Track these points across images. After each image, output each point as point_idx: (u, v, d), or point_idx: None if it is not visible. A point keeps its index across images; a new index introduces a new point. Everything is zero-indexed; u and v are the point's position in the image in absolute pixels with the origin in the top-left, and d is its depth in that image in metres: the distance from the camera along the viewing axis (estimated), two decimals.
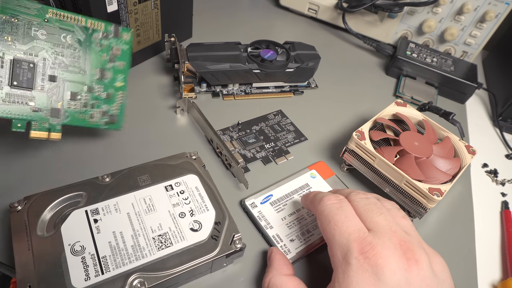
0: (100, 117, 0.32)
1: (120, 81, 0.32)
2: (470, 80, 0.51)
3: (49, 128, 0.29)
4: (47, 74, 0.28)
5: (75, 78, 0.30)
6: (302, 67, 0.45)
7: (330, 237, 0.25)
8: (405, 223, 0.25)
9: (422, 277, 0.22)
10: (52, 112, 0.29)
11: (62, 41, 0.29)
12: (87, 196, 0.28)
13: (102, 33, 0.31)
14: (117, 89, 0.32)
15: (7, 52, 0.27)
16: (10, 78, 0.27)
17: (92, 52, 0.31)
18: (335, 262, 0.24)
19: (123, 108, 0.33)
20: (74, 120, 0.30)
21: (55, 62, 0.29)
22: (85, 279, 0.24)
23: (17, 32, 0.27)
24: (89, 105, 0.31)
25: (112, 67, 0.32)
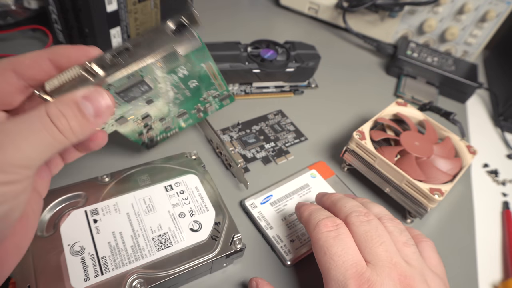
0: (213, 103, 0.33)
1: (213, 69, 0.30)
2: (471, 80, 0.51)
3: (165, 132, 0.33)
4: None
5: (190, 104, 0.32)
6: (302, 67, 0.45)
7: (326, 271, 0.23)
8: (407, 251, 0.24)
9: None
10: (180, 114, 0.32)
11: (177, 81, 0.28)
12: (87, 196, 0.28)
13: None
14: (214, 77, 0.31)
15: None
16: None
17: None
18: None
19: (224, 83, 0.31)
20: (191, 123, 0.34)
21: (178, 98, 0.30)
22: (85, 280, 0.24)
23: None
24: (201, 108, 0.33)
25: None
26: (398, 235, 0.25)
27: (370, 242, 0.23)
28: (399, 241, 0.24)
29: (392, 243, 0.24)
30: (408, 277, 0.22)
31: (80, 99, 0.19)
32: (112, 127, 0.28)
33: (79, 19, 0.38)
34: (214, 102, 0.33)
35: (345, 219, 0.25)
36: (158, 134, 0.33)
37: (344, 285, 0.22)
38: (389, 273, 0.22)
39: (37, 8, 0.44)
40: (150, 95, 0.27)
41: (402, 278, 0.22)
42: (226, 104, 0.34)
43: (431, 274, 0.23)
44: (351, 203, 0.27)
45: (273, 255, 0.30)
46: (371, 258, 0.23)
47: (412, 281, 0.22)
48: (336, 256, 0.23)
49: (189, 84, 0.29)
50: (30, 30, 0.45)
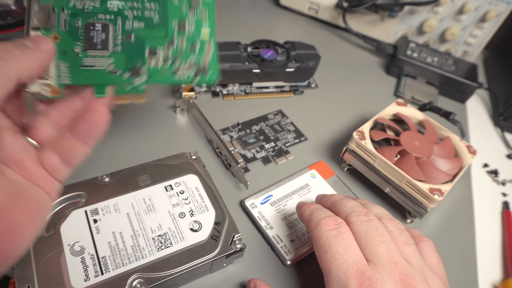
0: (186, 69, 0.27)
1: (205, 33, 0.28)
2: (471, 80, 0.51)
3: (131, 90, 0.26)
4: (123, 32, 0.26)
5: (153, 33, 0.27)
6: (302, 67, 0.45)
7: (327, 269, 0.23)
8: (408, 250, 0.24)
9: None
10: (132, 71, 0.26)
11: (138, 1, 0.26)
12: (87, 196, 0.28)
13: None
14: (203, 41, 0.29)
15: (84, 18, 0.25)
16: (86, 42, 0.25)
17: (169, 5, 0.27)
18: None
19: (214, 59, 0.28)
20: (157, 77, 0.26)
21: (129, 19, 0.26)
22: (85, 280, 0.24)
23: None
24: (170, 59, 0.27)
25: (193, 19, 0.28)
26: (398, 235, 0.25)
27: (370, 241, 0.24)
28: (399, 241, 0.24)
29: (393, 242, 0.24)
30: (409, 276, 0.22)
31: (18, 40, 0.21)
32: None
33: None
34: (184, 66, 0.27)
35: (346, 219, 0.25)
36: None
37: (345, 284, 0.22)
38: (390, 272, 0.22)
39: None
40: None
41: (402, 276, 0.22)
42: (198, 80, 0.28)
43: (431, 273, 0.23)
44: (351, 203, 0.27)
45: (273, 255, 0.30)
46: (372, 257, 0.23)
47: (412, 280, 0.22)
48: (337, 254, 0.23)
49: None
50: None
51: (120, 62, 0.26)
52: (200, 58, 0.28)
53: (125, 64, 0.26)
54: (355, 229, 0.24)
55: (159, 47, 0.27)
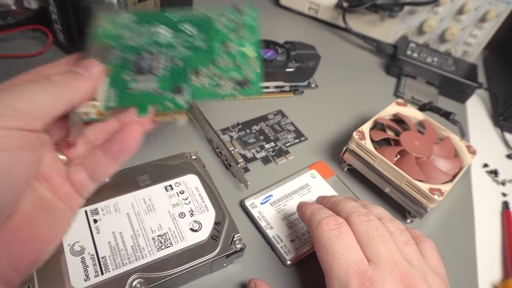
0: (230, 85, 0.28)
1: (250, 51, 0.29)
2: (471, 80, 0.51)
3: (174, 107, 0.26)
4: (171, 57, 0.27)
5: (200, 57, 0.28)
6: (302, 67, 0.45)
7: (328, 269, 0.23)
8: (408, 250, 0.24)
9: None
10: (174, 90, 0.27)
11: (186, 31, 0.28)
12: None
13: (226, 16, 0.29)
14: (247, 57, 0.29)
15: (136, 52, 0.27)
16: (135, 68, 0.26)
17: (215, 35, 0.28)
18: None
19: (258, 75, 0.29)
20: (200, 93, 0.27)
21: (177, 48, 0.27)
22: (85, 279, 0.24)
23: (144, 34, 0.27)
24: (213, 76, 0.27)
25: (238, 38, 0.29)
26: (399, 235, 0.25)
27: (371, 241, 0.24)
28: (400, 241, 0.24)
29: (393, 242, 0.24)
30: (410, 276, 0.22)
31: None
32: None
33: (79, 19, 0.38)
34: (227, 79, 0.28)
35: (346, 219, 0.26)
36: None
37: (346, 283, 0.22)
38: (391, 272, 0.22)
39: (37, 8, 0.44)
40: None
41: (403, 276, 0.22)
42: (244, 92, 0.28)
43: (432, 273, 0.23)
44: (351, 204, 0.27)
45: (273, 255, 0.30)
46: (372, 257, 0.23)
47: (413, 280, 0.22)
48: (338, 254, 0.23)
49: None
50: (30, 30, 0.45)
51: (165, 84, 0.27)
52: (244, 73, 0.28)
53: (170, 85, 0.27)
54: (356, 229, 0.25)
55: (202, 67, 0.27)
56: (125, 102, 0.26)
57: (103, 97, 0.25)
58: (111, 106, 0.25)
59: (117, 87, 0.26)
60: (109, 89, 0.25)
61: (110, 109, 0.25)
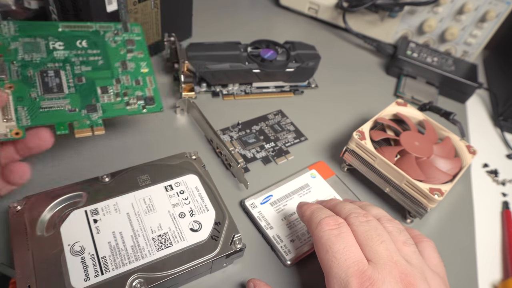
0: (136, 102, 0.32)
1: (144, 68, 0.34)
2: (471, 80, 0.51)
3: (91, 124, 0.30)
4: (74, 76, 0.31)
5: (101, 74, 0.32)
6: (302, 67, 0.45)
7: (328, 269, 0.23)
8: (407, 250, 0.24)
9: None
10: (88, 108, 0.30)
11: (78, 46, 0.32)
12: (87, 196, 0.28)
13: (113, 31, 0.34)
14: (145, 75, 0.34)
15: (34, 68, 0.29)
16: (42, 88, 0.29)
17: (109, 50, 0.33)
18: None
19: (156, 90, 0.33)
20: (112, 111, 0.31)
21: (77, 65, 0.31)
22: (85, 279, 0.24)
23: (39, 49, 0.30)
24: (121, 95, 0.32)
25: (132, 57, 0.34)
26: (398, 235, 0.25)
27: (370, 241, 0.24)
28: (399, 241, 0.24)
29: (392, 242, 0.24)
30: (409, 275, 0.22)
31: None
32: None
33: (79, 19, 0.38)
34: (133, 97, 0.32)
35: (345, 220, 0.26)
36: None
37: (346, 283, 0.22)
38: (390, 271, 0.22)
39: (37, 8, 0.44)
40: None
41: (403, 276, 0.22)
42: (148, 109, 0.32)
43: (431, 273, 0.23)
44: (350, 206, 0.27)
45: (273, 255, 0.30)
46: (372, 256, 0.23)
47: (413, 279, 0.22)
48: (338, 253, 0.23)
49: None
50: None
51: (76, 101, 0.30)
52: (145, 91, 0.33)
53: (81, 103, 0.30)
54: (355, 230, 0.25)
55: (108, 86, 0.31)
56: (39, 120, 0.28)
57: (15, 118, 0.27)
58: (26, 125, 0.27)
59: (26, 105, 0.28)
60: (19, 107, 0.28)
61: (27, 128, 0.27)
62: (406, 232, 0.25)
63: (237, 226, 0.29)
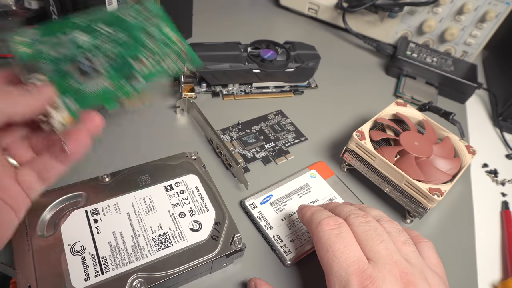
0: (173, 62, 0.31)
1: (172, 33, 0.32)
2: (470, 80, 0.51)
3: (136, 92, 0.29)
4: (105, 56, 0.29)
5: (128, 47, 0.31)
6: (302, 67, 0.45)
7: (328, 268, 0.24)
8: (407, 250, 0.24)
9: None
10: (128, 78, 0.29)
11: (101, 32, 0.30)
12: (87, 196, 0.28)
13: (133, 10, 0.32)
14: (172, 39, 0.32)
15: (65, 62, 0.28)
16: (80, 76, 0.28)
17: (128, 24, 0.31)
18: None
19: (190, 49, 0.32)
20: (151, 75, 0.30)
21: (103, 47, 0.30)
22: (85, 279, 0.24)
23: (65, 45, 0.29)
24: (155, 59, 0.31)
25: (153, 27, 0.32)
26: (397, 235, 0.25)
27: (370, 240, 0.24)
28: (398, 241, 0.25)
29: (392, 242, 0.24)
30: (409, 274, 0.22)
31: None
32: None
33: None
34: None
35: (345, 221, 0.26)
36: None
37: (346, 281, 0.22)
38: (391, 270, 0.22)
39: (37, 8, 0.44)
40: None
41: (403, 275, 0.22)
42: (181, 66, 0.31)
43: (431, 272, 0.24)
44: (349, 207, 0.28)
45: (273, 255, 0.30)
46: (372, 256, 0.23)
47: (412, 278, 0.22)
48: (338, 252, 0.23)
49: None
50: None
51: (115, 78, 0.29)
52: (177, 50, 0.31)
53: (119, 78, 0.29)
54: (355, 230, 0.25)
55: (138, 54, 0.30)
56: (86, 103, 0.28)
57: (65, 108, 0.27)
58: (76, 110, 0.27)
59: (71, 95, 0.28)
60: (65, 98, 0.27)
61: (78, 112, 0.27)
62: (405, 233, 0.26)
63: (237, 226, 0.29)
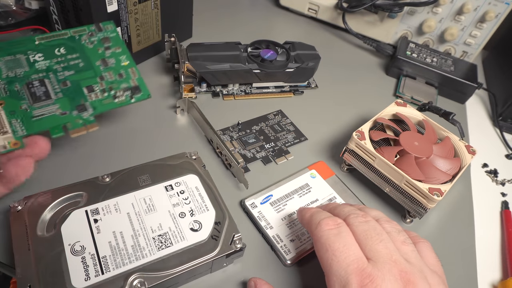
0: (123, 94, 0.33)
1: (124, 61, 0.34)
2: (470, 80, 0.51)
3: (84, 122, 0.31)
4: (59, 82, 0.31)
5: (84, 75, 0.33)
6: (302, 67, 0.45)
7: (328, 267, 0.24)
8: (406, 249, 0.24)
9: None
10: (78, 108, 0.31)
11: (57, 54, 0.33)
12: (87, 196, 0.28)
13: (87, 34, 0.35)
14: (126, 67, 0.34)
15: (20, 82, 0.31)
16: (31, 99, 0.30)
17: (87, 51, 0.34)
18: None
19: (141, 79, 0.34)
20: (102, 107, 0.32)
21: (60, 71, 0.32)
22: (85, 279, 0.24)
23: (20, 64, 0.31)
24: (107, 90, 0.32)
25: (111, 53, 0.34)
26: (396, 235, 0.25)
27: (370, 240, 0.24)
28: (398, 240, 0.25)
29: (391, 241, 0.24)
30: (409, 273, 0.22)
31: None
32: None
33: (80, 19, 0.38)
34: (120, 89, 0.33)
35: (344, 221, 0.26)
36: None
37: (346, 280, 0.22)
38: (390, 269, 0.22)
39: (37, 8, 0.44)
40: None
41: (403, 273, 0.22)
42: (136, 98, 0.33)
43: (430, 272, 0.24)
44: (348, 208, 0.28)
45: (273, 255, 0.31)
46: (372, 255, 0.23)
47: (412, 277, 0.22)
48: (338, 251, 0.23)
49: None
50: (31, 30, 0.45)
51: (65, 104, 0.31)
52: (130, 82, 0.34)
53: (71, 105, 0.31)
54: (354, 230, 0.25)
55: (93, 84, 0.32)
56: (34, 129, 0.29)
57: (10, 129, 0.28)
58: (23, 135, 0.28)
59: (19, 117, 0.29)
60: (13, 120, 0.29)
61: (24, 137, 0.28)
62: (404, 233, 0.26)
63: (237, 226, 0.29)
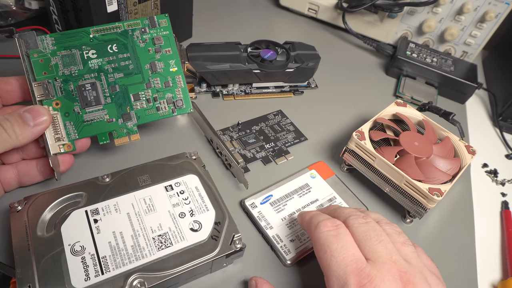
0: (166, 106, 0.33)
1: (173, 67, 0.34)
2: (470, 80, 0.51)
3: (128, 132, 0.32)
4: (109, 85, 0.32)
5: (133, 80, 0.33)
6: (302, 67, 0.45)
7: (327, 267, 0.24)
8: (406, 250, 0.24)
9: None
10: (124, 117, 0.32)
11: (110, 52, 0.32)
12: (87, 196, 0.28)
13: (140, 29, 0.33)
14: (174, 74, 0.34)
15: (74, 82, 0.31)
16: (82, 103, 0.31)
17: (138, 51, 0.33)
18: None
19: (185, 91, 0.34)
20: (145, 118, 0.33)
21: (111, 73, 0.32)
22: (85, 279, 0.24)
23: (75, 61, 0.31)
24: (152, 100, 0.33)
25: (161, 56, 0.34)
26: (396, 237, 0.25)
27: (369, 241, 0.24)
28: (398, 242, 0.25)
29: (391, 242, 0.24)
30: (408, 273, 0.22)
31: (21, 111, 0.27)
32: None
33: (80, 19, 0.38)
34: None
35: (344, 222, 0.26)
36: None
37: (345, 280, 0.22)
38: (389, 269, 0.22)
39: (37, 8, 0.44)
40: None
41: (402, 274, 0.22)
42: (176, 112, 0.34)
43: (430, 273, 0.24)
44: (349, 209, 0.28)
45: (273, 255, 0.31)
46: (371, 256, 0.23)
47: (412, 277, 0.22)
48: (336, 252, 0.23)
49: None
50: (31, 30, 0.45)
51: (113, 111, 0.32)
52: (175, 92, 0.34)
53: (117, 112, 0.32)
54: (354, 231, 0.25)
55: (140, 92, 0.33)
56: (85, 133, 0.31)
57: (65, 133, 0.30)
58: (75, 138, 0.30)
59: (72, 120, 0.30)
60: (66, 122, 0.30)
61: (75, 141, 0.30)
62: (404, 235, 0.26)
63: (237, 226, 0.29)
